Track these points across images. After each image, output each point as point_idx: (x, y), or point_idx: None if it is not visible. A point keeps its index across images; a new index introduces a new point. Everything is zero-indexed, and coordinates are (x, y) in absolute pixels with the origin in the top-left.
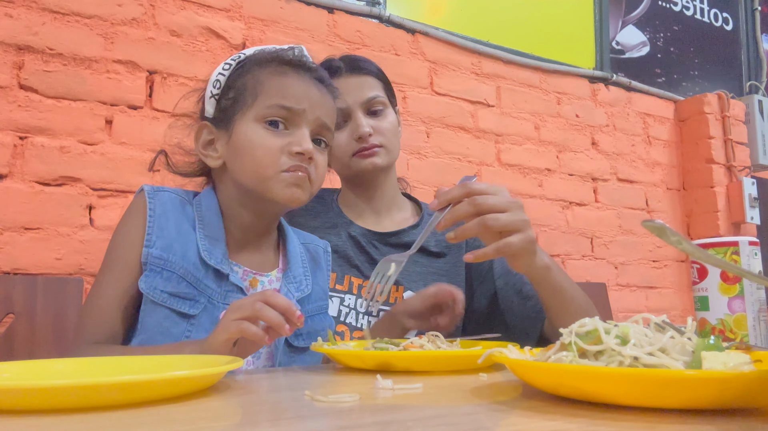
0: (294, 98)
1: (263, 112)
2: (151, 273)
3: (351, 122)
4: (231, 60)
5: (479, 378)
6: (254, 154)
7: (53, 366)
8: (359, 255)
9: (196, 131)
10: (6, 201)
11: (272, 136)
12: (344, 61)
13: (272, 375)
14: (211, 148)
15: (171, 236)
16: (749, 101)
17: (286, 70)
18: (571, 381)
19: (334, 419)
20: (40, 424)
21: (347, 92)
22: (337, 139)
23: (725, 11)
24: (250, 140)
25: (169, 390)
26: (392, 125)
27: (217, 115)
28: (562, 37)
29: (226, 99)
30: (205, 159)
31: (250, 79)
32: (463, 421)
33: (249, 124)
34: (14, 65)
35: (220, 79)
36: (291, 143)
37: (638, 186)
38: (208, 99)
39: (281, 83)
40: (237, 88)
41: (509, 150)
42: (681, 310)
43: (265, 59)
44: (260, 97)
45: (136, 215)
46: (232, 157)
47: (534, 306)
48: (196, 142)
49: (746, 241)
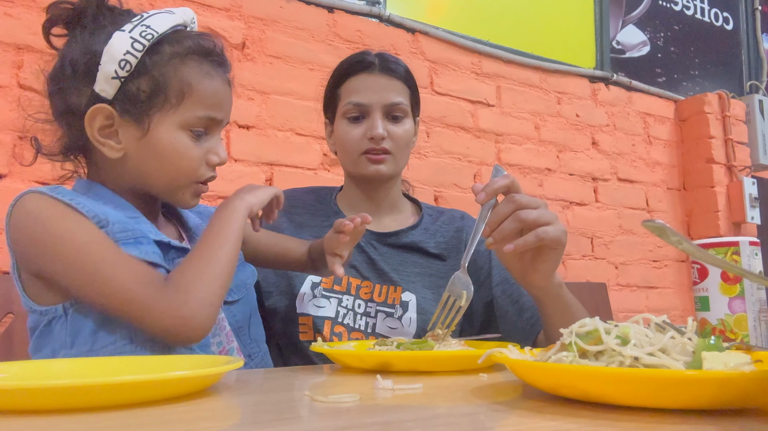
0: (219, 108)
1: (191, 121)
2: (126, 246)
3: (368, 120)
4: (140, 37)
5: (479, 379)
6: (177, 163)
7: (53, 366)
8: (357, 256)
9: (91, 113)
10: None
11: (195, 145)
12: (379, 59)
13: (272, 375)
14: (109, 136)
15: (113, 214)
16: (750, 101)
17: (210, 71)
18: (571, 381)
19: (334, 419)
20: (40, 424)
21: (372, 90)
22: (349, 134)
23: (726, 11)
24: (175, 149)
25: (169, 390)
26: (407, 135)
27: (123, 102)
28: (563, 37)
29: (137, 86)
30: (101, 147)
31: (173, 74)
32: (463, 421)
33: (172, 129)
34: (13, 64)
35: (129, 60)
36: (210, 153)
37: (638, 186)
38: (107, 77)
39: (210, 90)
40: (156, 79)
41: (509, 150)
42: (681, 310)
43: (185, 50)
44: (187, 101)
45: (63, 208)
46: (144, 157)
47: (529, 318)
48: (90, 125)
49: (747, 241)
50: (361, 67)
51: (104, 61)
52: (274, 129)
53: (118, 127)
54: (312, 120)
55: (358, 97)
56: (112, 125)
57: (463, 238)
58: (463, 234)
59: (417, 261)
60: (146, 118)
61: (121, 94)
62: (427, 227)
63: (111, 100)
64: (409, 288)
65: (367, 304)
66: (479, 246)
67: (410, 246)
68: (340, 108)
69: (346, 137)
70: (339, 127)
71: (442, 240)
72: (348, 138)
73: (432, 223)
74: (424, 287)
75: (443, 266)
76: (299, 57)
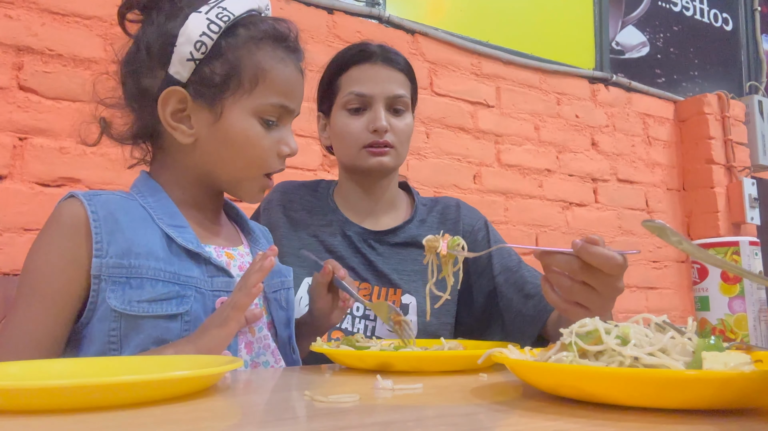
0: (293, 96)
1: (263, 108)
2: (117, 286)
3: (369, 112)
4: (217, 19)
5: (479, 379)
6: (248, 152)
7: (53, 366)
8: (354, 257)
9: (164, 95)
10: (5, 202)
11: (266, 134)
12: (380, 50)
13: (272, 375)
14: (181, 120)
15: (127, 238)
16: (749, 101)
17: (284, 57)
18: (571, 381)
19: (334, 419)
20: (40, 424)
21: (375, 81)
22: (349, 126)
23: (725, 11)
24: (247, 136)
25: (169, 390)
26: (408, 128)
27: (197, 85)
28: (562, 38)
29: (211, 69)
30: (173, 131)
31: (248, 58)
32: (463, 421)
33: (245, 115)
34: (14, 66)
35: (205, 42)
36: (281, 143)
37: (638, 186)
38: (182, 59)
39: (284, 77)
40: (230, 62)
41: (509, 150)
42: (681, 310)
43: (261, 34)
44: (260, 86)
45: (70, 226)
46: (215, 143)
47: (536, 305)
48: (163, 107)
49: (747, 241)
50: (363, 57)
51: (180, 43)
52: None
53: (191, 111)
54: (312, 120)
55: (360, 87)
56: (184, 109)
57: (460, 229)
58: (459, 225)
59: (416, 258)
60: (219, 102)
61: (196, 77)
62: (423, 218)
63: (185, 84)
64: (410, 289)
65: (365, 307)
66: (477, 235)
67: (408, 242)
68: (340, 99)
69: (346, 129)
70: (337, 118)
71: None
72: (348, 130)
73: (427, 214)
74: (424, 284)
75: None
76: None
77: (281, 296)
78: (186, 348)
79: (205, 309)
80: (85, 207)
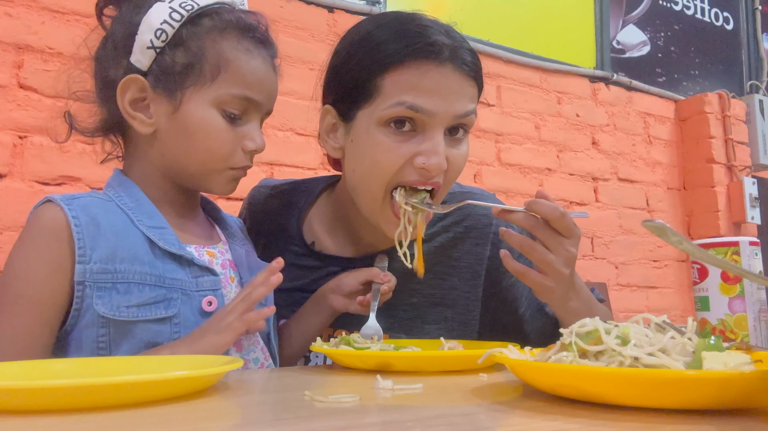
0: (257, 88)
1: (224, 99)
2: (104, 292)
3: (421, 135)
4: (179, 8)
5: (479, 379)
6: (207, 144)
7: (53, 366)
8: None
9: (123, 83)
10: (5, 200)
11: (229, 127)
12: (451, 45)
13: (272, 375)
14: (141, 109)
15: (110, 243)
16: (750, 101)
17: (250, 48)
18: (571, 381)
19: (334, 419)
20: (40, 424)
21: (441, 94)
22: (392, 152)
23: (726, 11)
24: (206, 128)
25: (169, 390)
26: (464, 161)
27: (157, 74)
28: (563, 37)
29: (171, 58)
30: (131, 121)
31: (210, 47)
32: (463, 421)
33: (205, 106)
34: (14, 64)
35: (165, 30)
36: (245, 138)
37: (639, 185)
38: (142, 48)
39: (248, 67)
40: (192, 51)
41: (509, 149)
42: (681, 310)
43: (225, 24)
44: (222, 76)
45: (50, 232)
46: (174, 134)
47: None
48: (121, 96)
49: (747, 241)
50: (427, 53)
51: (141, 31)
52: (274, 128)
53: (151, 100)
54: (312, 120)
55: (418, 99)
56: (144, 99)
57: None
58: (488, 251)
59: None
60: (179, 91)
61: (156, 66)
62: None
63: (145, 72)
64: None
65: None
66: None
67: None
68: (379, 105)
69: (385, 154)
70: (371, 133)
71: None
72: (389, 157)
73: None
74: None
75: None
76: (299, 57)
77: None
78: (181, 351)
79: (192, 310)
80: (65, 212)
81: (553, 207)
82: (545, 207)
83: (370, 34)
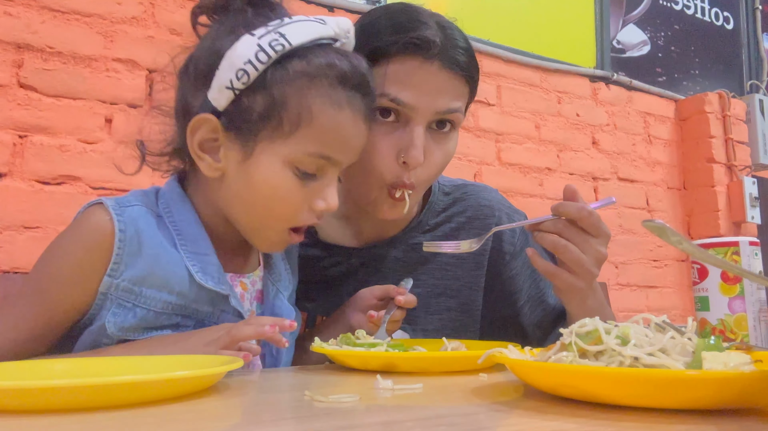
0: (340, 147)
1: (299, 158)
2: (120, 309)
3: (402, 129)
4: (268, 46)
5: (479, 379)
6: (272, 204)
7: (53, 366)
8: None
9: (194, 122)
10: (5, 200)
11: (299, 185)
12: (443, 42)
13: (272, 375)
14: (211, 150)
15: (146, 264)
16: (750, 100)
17: (341, 101)
18: (571, 381)
19: (334, 419)
20: (40, 424)
21: (423, 89)
22: (377, 145)
23: (726, 10)
24: (273, 187)
25: (169, 390)
26: (446, 159)
27: (232, 116)
28: (563, 36)
29: (250, 102)
30: (199, 162)
31: (295, 96)
32: (463, 421)
33: (277, 162)
34: (13, 63)
35: (248, 71)
36: (317, 197)
37: (639, 185)
38: (221, 86)
39: (332, 124)
40: (272, 98)
41: (510, 149)
42: (681, 310)
43: (317, 70)
44: (301, 131)
45: (93, 241)
46: (239, 184)
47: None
48: (191, 135)
49: (747, 241)
50: (417, 48)
51: (222, 67)
52: None
53: (222, 143)
54: None
55: (401, 92)
56: (216, 140)
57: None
58: (503, 244)
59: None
60: (252, 140)
61: (233, 107)
62: (436, 223)
63: (221, 112)
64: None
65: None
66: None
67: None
68: None
69: (373, 148)
70: None
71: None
72: (378, 151)
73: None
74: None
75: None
76: None
77: None
78: (168, 344)
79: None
80: (113, 221)
81: (579, 207)
82: (571, 208)
83: (363, 26)
